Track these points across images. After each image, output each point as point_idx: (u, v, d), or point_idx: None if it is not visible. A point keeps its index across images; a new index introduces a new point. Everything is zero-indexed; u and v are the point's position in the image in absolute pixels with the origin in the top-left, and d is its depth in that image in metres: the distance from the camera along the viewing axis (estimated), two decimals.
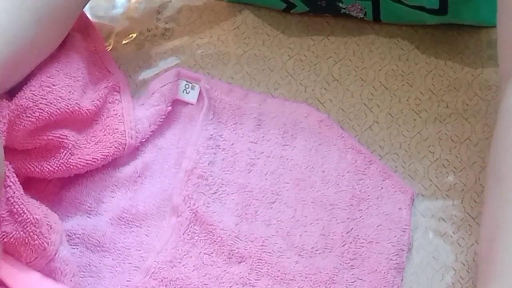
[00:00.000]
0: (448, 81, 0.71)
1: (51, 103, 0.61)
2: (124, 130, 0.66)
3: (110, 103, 0.68)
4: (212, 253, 0.62)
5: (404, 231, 0.62)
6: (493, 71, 0.71)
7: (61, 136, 0.62)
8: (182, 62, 0.74)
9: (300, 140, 0.68)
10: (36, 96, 0.61)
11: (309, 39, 0.75)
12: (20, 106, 0.59)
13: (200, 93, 0.70)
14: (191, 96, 0.71)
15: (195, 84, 0.71)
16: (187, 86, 0.71)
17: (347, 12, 0.73)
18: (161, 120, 0.69)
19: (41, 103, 0.61)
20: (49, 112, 0.61)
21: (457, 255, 0.62)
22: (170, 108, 0.69)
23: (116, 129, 0.66)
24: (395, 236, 0.62)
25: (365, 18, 0.73)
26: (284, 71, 0.73)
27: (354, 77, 0.72)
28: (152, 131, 0.68)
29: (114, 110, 0.68)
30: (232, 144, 0.68)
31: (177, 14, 0.78)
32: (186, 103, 0.71)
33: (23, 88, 0.61)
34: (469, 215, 0.64)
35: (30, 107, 0.60)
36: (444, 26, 0.73)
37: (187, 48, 0.75)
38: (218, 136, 0.68)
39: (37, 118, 0.60)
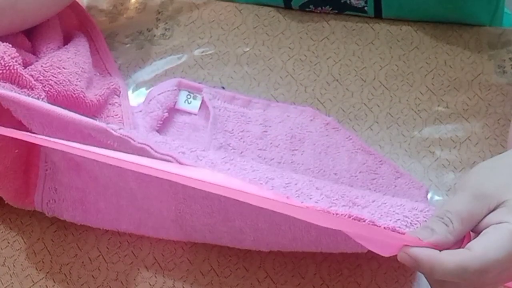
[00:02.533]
0: (448, 81, 0.71)
1: (60, 83, 0.62)
2: None
3: (110, 104, 0.68)
4: None
5: None
6: (493, 71, 0.71)
7: None
8: (182, 62, 0.74)
9: (308, 144, 0.67)
10: (47, 72, 0.62)
11: (309, 39, 0.75)
12: (31, 76, 0.60)
13: (203, 102, 0.70)
14: (193, 106, 0.70)
15: (197, 94, 0.71)
16: (188, 97, 0.70)
17: (348, 1, 0.73)
18: (158, 126, 0.68)
19: (51, 80, 0.62)
20: (57, 91, 0.62)
21: None
22: (166, 114, 0.69)
23: None
24: None
25: (365, 8, 0.73)
26: (284, 71, 0.73)
27: (354, 77, 0.72)
28: None
29: (114, 111, 0.68)
30: (241, 152, 0.67)
31: (177, 14, 0.78)
32: (188, 113, 0.70)
33: (34, 64, 0.62)
34: None
35: (41, 80, 0.61)
36: (444, 26, 0.73)
37: (187, 48, 0.75)
38: (227, 145, 0.67)
39: (46, 92, 0.61)
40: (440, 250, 0.45)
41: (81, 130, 0.55)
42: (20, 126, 0.57)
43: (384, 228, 0.49)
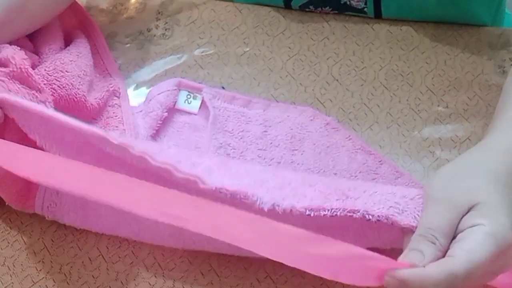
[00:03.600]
0: (448, 81, 0.71)
1: (63, 87, 0.63)
2: (124, 130, 0.66)
3: (110, 106, 0.69)
4: None
5: None
6: (493, 71, 0.71)
7: None
8: (182, 62, 0.74)
9: (308, 144, 0.67)
10: (50, 76, 0.62)
11: (309, 39, 0.75)
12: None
13: (203, 102, 0.70)
14: (193, 106, 0.70)
15: (197, 94, 0.71)
16: (188, 97, 0.70)
17: (348, 3, 0.73)
18: (158, 126, 0.68)
19: (54, 84, 0.62)
20: (60, 95, 0.62)
21: None
22: (166, 114, 0.69)
23: (116, 127, 0.66)
24: None
25: (365, 9, 0.73)
26: (284, 71, 0.73)
27: (354, 77, 0.72)
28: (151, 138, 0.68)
29: (114, 112, 0.68)
30: (241, 152, 0.67)
31: (177, 14, 0.78)
32: (188, 113, 0.70)
33: (38, 68, 0.63)
34: None
35: (44, 84, 0.61)
36: (444, 26, 0.73)
37: (187, 48, 0.75)
38: (227, 145, 0.67)
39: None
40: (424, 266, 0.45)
41: (79, 136, 0.55)
42: (25, 139, 0.57)
43: (378, 216, 0.49)
